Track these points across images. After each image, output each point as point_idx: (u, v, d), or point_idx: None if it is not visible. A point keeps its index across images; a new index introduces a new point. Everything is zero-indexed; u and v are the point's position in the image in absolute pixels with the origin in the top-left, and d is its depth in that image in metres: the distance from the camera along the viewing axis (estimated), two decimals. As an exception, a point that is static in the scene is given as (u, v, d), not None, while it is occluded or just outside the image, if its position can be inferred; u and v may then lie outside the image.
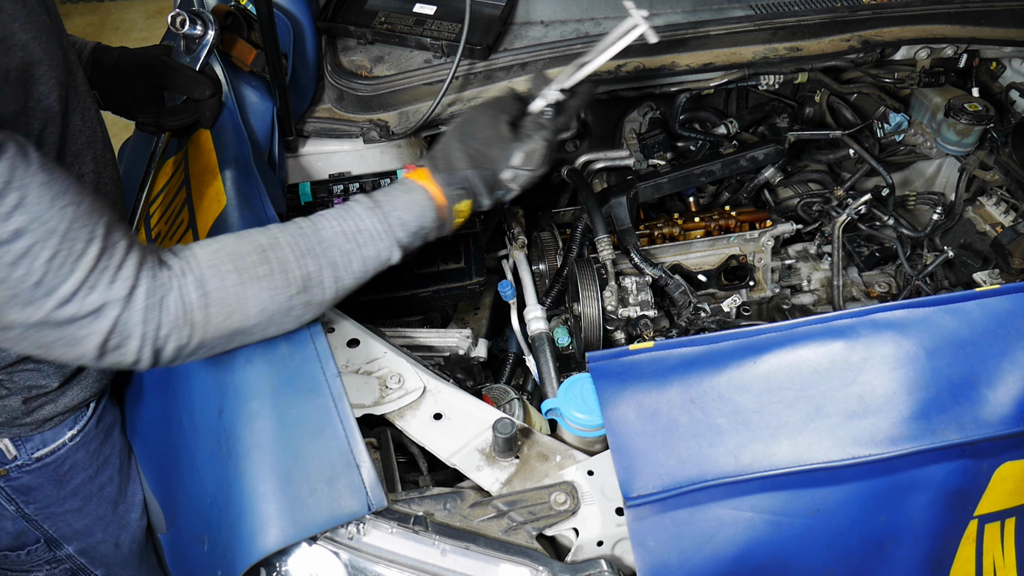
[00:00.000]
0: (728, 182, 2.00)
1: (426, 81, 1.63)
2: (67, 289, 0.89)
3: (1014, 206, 1.81)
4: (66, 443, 1.30)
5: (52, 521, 1.35)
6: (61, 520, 1.36)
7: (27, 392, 1.20)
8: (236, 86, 1.53)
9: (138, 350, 0.96)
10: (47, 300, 0.89)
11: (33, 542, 1.36)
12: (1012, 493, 1.11)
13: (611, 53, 1.21)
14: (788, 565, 1.04)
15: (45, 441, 1.27)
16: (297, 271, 1.04)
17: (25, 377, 1.19)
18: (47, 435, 1.27)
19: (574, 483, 1.10)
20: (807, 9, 1.79)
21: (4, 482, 1.27)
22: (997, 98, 1.94)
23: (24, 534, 1.34)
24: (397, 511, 1.05)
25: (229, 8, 1.56)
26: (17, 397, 1.19)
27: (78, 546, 1.41)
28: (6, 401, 1.19)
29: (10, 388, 1.18)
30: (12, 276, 0.86)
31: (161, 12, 4.84)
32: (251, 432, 1.06)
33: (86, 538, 1.40)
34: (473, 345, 1.47)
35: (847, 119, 1.97)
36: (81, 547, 1.41)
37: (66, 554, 1.40)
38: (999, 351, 1.11)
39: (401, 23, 1.67)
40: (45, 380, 1.21)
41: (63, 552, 1.40)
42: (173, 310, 0.97)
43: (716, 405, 1.07)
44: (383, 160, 1.70)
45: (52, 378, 1.21)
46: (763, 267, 1.82)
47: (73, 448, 1.31)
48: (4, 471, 1.26)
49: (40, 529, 1.35)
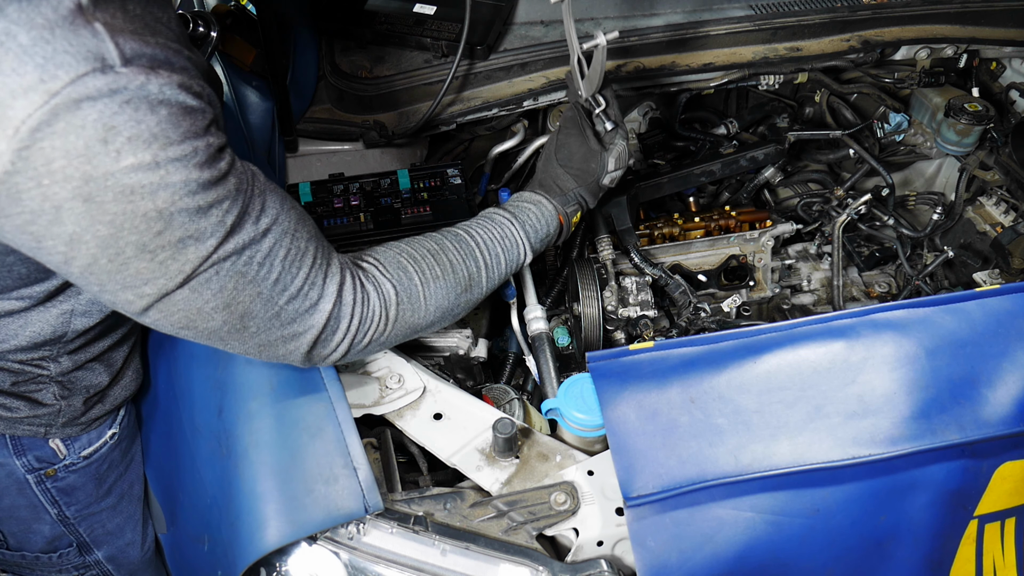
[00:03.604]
0: (728, 182, 2.00)
1: (426, 81, 1.63)
2: (296, 285, 0.96)
3: (1014, 206, 1.80)
4: (107, 441, 1.32)
5: (88, 523, 1.37)
6: (96, 521, 1.37)
7: (86, 392, 1.22)
8: (236, 86, 1.53)
9: (339, 342, 1.03)
10: (281, 296, 0.95)
11: (66, 546, 1.38)
12: (1012, 493, 1.10)
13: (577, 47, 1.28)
14: (788, 565, 1.04)
15: (91, 440, 1.29)
16: (464, 271, 1.15)
17: (84, 376, 1.20)
18: (92, 434, 1.29)
19: (574, 483, 1.10)
20: (807, 9, 1.79)
21: (51, 483, 1.28)
22: (997, 98, 1.94)
23: (59, 538, 1.36)
24: (397, 511, 1.05)
25: (229, 8, 1.56)
26: (79, 397, 1.21)
27: (107, 552, 1.43)
28: (70, 401, 1.20)
29: (71, 389, 1.20)
30: (260, 274, 0.92)
31: (161, 12, 4.83)
32: (250, 432, 1.06)
33: (117, 540, 1.42)
34: (473, 345, 1.47)
35: (847, 119, 1.97)
36: (110, 552, 1.43)
37: (95, 560, 1.43)
38: (999, 351, 1.11)
39: (401, 23, 1.67)
40: (99, 378, 1.23)
41: (92, 558, 1.42)
42: (374, 305, 1.05)
43: (716, 405, 1.06)
44: (383, 160, 1.71)
45: (104, 376, 1.23)
46: (763, 267, 1.82)
47: (112, 446, 1.33)
48: (53, 471, 1.27)
49: (75, 533, 1.37)
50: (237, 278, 0.90)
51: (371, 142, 1.64)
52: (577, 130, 1.34)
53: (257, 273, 0.91)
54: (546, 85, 1.67)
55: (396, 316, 1.08)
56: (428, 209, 1.57)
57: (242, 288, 0.91)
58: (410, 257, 1.12)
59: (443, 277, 1.13)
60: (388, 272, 1.09)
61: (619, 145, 1.33)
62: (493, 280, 1.21)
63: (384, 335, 1.08)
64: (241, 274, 0.90)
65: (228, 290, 0.90)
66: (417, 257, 1.12)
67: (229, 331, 0.95)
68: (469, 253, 1.17)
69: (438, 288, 1.12)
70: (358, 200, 1.55)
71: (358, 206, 1.54)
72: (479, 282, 1.18)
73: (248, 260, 0.90)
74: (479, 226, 1.22)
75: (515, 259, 1.24)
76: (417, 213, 1.56)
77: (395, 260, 1.11)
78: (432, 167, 1.66)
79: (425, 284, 1.11)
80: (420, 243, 1.15)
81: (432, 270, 1.12)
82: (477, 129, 1.89)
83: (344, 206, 1.54)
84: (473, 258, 1.17)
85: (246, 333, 0.96)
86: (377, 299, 1.05)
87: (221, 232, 0.86)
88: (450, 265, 1.14)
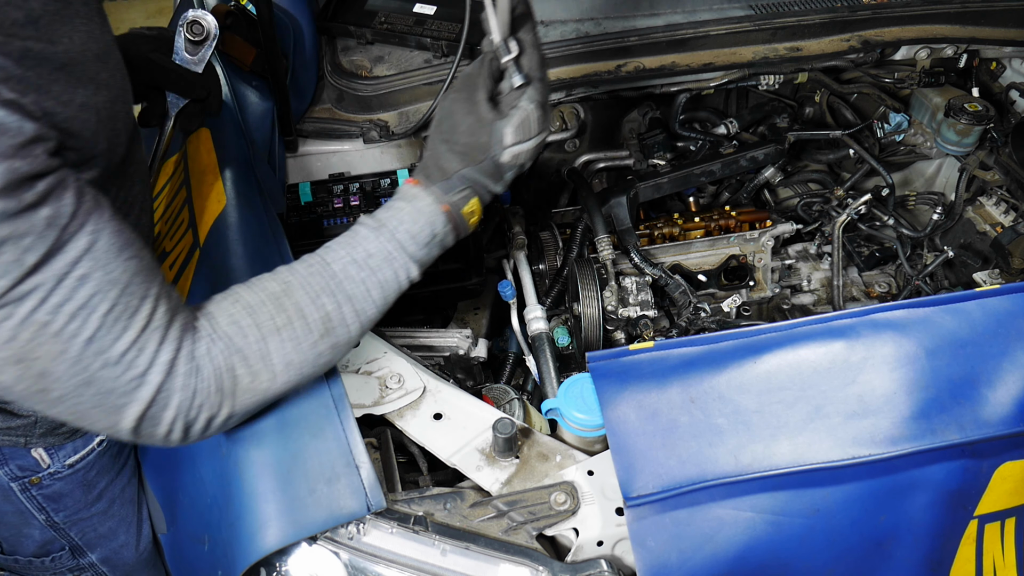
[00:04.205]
0: (728, 182, 2.00)
1: (426, 81, 1.63)
2: (119, 349, 0.81)
3: (1014, 206, 1.80)
4: (95, 448, 1.31)
5: (79, 527, 1.36)
6: (87, 525, 1.37)
7: None
8: (236, 86, 1.53)
9: (171, 421, 0.88)
10: (96, 359, 0.80)
11: (58, 550, 1.38)
12: (1012, 493, 1.10)
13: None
14: (788, 565, 1.04)
15: (76, 448, 1.28)
16: (315, 314, 0.95)
17: None
18: (78, 442, 1.28)
19: (574, 483, 1.10)
20: (807, 9, 1.79)
21: (36, 490, 1.28)
22: (997, 98, 1.94)
23: (51, 542, 1.36)
24: (397, 511, 1.05)
25: (229, 8, 1.56)
26: None
27: (101, 554, 1.42)
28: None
29: None
30: (66, 329, 0.77)
31: (161, 12, 4.84)
32: (251, 432, 1.06)
33: (110, 542, 1.42)
34: (473, 345, 1.47)
35: (847, 119, 1.97)
36: (104, 554, 1.42)
37: (89, 562, 1.42)
38: (999, 351, 1.11)
39: (401, 23, 1.67)
40: None
41: (86, 560, 1.41)
42: (207, 377, 0.89)
43: (716, 405, 1.06)
44: (383, 160, 1.70)
45: None
46: (763, 267, 1.82)
47: (100, 453, 1.32)
48: (37, 479, 1.26)
49: (66, 537, 1.36)
50: (35, 329, 0.76)
51: (371, 139, 1.64)
52: (467, 93, 1.04)
53: (64, 327, 0.77)
54: (546, 85, 1.67)
55: (234, 388, 0.91)
56: (428, 209, 1.56)
57: (41, 342, 0.77)
58: (246, 308, 0.93)
59: (289, 326, 0.93)
60: (218, 332, 0.90)
61: (522, 109, 1.02)
62: (367, 313, 1.00)
63: (224, 410, 0.91)
64: (41, 325, 0.76)
65: (21, 341, 0.76)
66: (255, 306, 0.93)
67: (26, 391, 0.81)
68: (324, 288, 0.96)
69: (283, 342, 0.93)
70: (358, 200, 1.55)
71: (358, 206, 1.54)
72: (343, 321, 0.98)
73: (53, 310, 0.76)
74: (339, 248, 1.00)
75: (392, 280, 1.01)
76: (417, 213, 1.56)
77: (228, 314, 0.92)
78: (432, 167, 1.66)
79: (265, 340, 0.92)
80: (261, 286, 0.96)
81: (273, 320, 0.93)
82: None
83: (344, 206, 1.55)
84: (330, 293, 0.96)
85: (48, 397, 0.81)
86: (208, 369, 0.88)
87: (17, 272, 0.73)
88: (297, 309, 0.94)
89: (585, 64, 1.70)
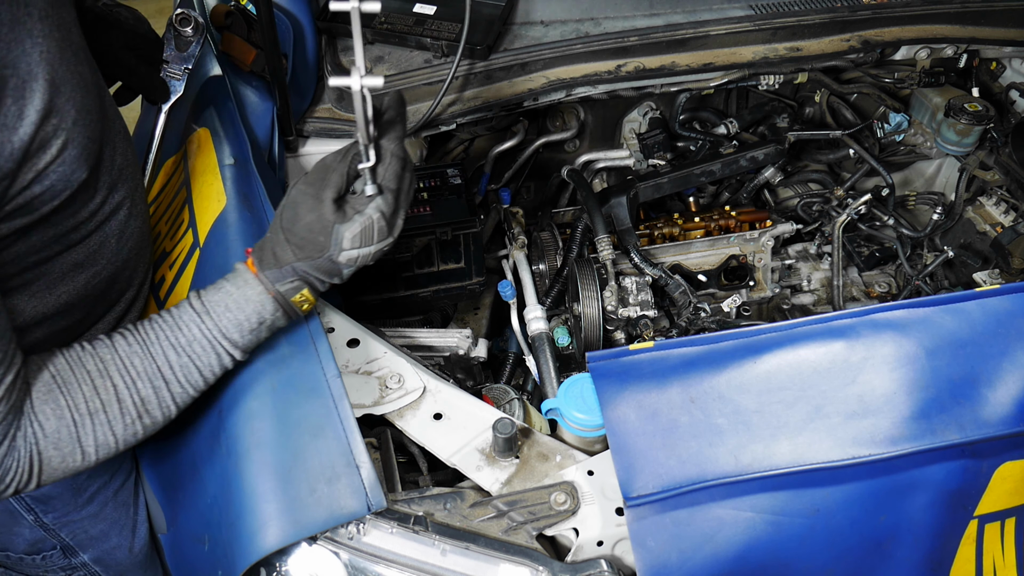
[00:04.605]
0: (728, 182, 2.00)
1: (426, 81, 1.63)
2: None
3: (1014, 206, 1.81)
4: None
5: (69, 529, 1.35)
6: (78, 527, 1.36)
7: None
8: (236, 86, 1.53)
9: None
10: None
11: (49, 548, 1.37)
12: (1012, 493, 1.11)
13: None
14: (788, 565, 1.04)
15: None
16: (130, 398, 0.97)
17: None
18: None
19: (574, 483, 1.10)
20: (807, 9, 1.79)
21: (24, 491, 1.27)
22: (997, 98, 1.94)
23: (41, 541, 1.35)
24: (397, 511, 1.05)
25: (229, 8, 1.56)
26: None
27: (93, 554, 1.41)
28: None
29: None
30: None
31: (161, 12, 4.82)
32: (251, 431, 1.06)
33: (102, 544, 1.41)
34: (473, 345, 1.47)
35: (847, 119, 1.97)
36: (96, 555, 1.42)
37: (81, 562, 1.41)
38: (999, 351, 1.11)
39: (401, 23, 1.67)
40: None
41: (78, 560, 1.41)
42: (21, 458, 0.91)
43: (716, 405, 1.07)
44: (383, 160, 1.70)
45: None
46: (763, 267, 1.82)
47: None
48: None
49: (57, 537, 1.36)
50: None
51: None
52: (316, 188, 1.00)
53: None
54: (546, 85, 1.67)
55: (44, 468, 0.93)
56: (428, 209, 1.57)
57: None
58: (64, 385, 0.93)
59: (104, 410, 0.95)
60: (36, 410, 0.92)
61: (367, 216, 1.00)
62: (186, 394, 1.02)
63: (31, 485, 0.94)
64: None
65: None
66: (73, 385, 0.94)
67: None
68: (142, 372, 0.97)
69: (97, 424, 0.95)
70: (358, 200, 1.55)
71: (358, 206, 1.54)
72: (160, 404, 1.00)
73: None
74: (163, 329, 1.00)
75: (215, 363, 1.02)
76: (417, 213, 1.56)
77: (47, 390, 0.93)
78: (432, 167, 1.66)
79: (80, 423, 0.94)
80: (81, 364, 0.96)
81: (91, 402, 0.94)
82: (477, 129, 1.89)
83: (344, 206, 1.54)
84: (145, 378, 0.97)
85: None
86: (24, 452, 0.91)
87: None
88: (114, 392, 0.96)
89: (585, 64, 1.70)
